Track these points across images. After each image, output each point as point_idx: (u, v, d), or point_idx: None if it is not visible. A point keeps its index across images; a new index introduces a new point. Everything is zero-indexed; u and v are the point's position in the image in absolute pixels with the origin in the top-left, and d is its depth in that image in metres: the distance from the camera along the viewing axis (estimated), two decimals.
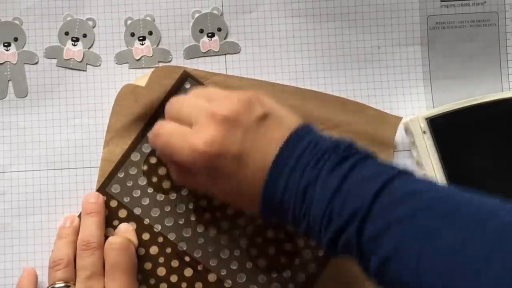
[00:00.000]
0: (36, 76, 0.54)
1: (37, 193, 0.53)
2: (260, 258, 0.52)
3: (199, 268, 0.51)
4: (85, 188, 0.53)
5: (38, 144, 0.53)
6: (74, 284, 0.48)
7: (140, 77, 0.53)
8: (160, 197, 0.52)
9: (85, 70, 0.54)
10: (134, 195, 0.52)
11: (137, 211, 0.52)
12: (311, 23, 0.55)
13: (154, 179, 0.52)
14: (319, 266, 0.51)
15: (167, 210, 0.52)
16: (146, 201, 0.52)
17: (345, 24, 0.55)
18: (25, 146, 0.53)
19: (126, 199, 0.52)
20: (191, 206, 0.52)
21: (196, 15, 0.54)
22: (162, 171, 0.52)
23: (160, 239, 0.52)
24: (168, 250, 0.51)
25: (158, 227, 0.52)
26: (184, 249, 0.52)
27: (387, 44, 0.55)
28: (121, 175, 0.52)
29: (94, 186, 0.52)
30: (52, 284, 0.48)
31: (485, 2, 0.55)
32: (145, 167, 0.52)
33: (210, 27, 0.54)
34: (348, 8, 0.55)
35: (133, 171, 0.52)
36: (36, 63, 0.54)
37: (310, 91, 0.54)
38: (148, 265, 0.51)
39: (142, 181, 0.52)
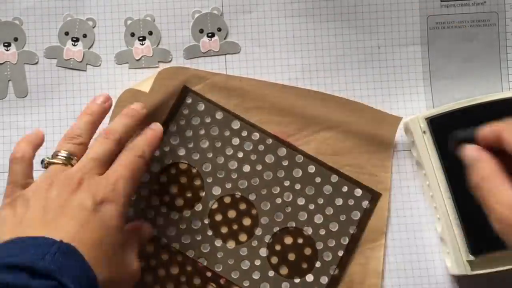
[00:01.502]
0: (36, 76, 0.54)
1: None
2: (281, 265, 0.51)
3: (222, 282, 0.51)
4: None
5: None
6: (77, 161, 0.46)
7: (140, 82, 0.53)
8: (174, 215, 0.52)
9: (85, 70, 0.54)
10: (148, 216, 0.52)
11: (154, 231, 0.51)
12: (311, 23, 0.55)
13: (167, 198, 0.52)
14: (340, 267, 0.51)
15: (183, 227, 0.52)
16: (161, 221, 0.52)
17: (345, 24, 0.55)
18: None
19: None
20: (206, 221, 0.52)
21: (196, 15, 0.54)
22: (173, 189, 0.52)
23: (179, 258, 0.51)
24: (189, 268, 0.51)
25: (176, 246, 0.51)
26: (205, 264, 0.51)
27: (387, 44, 0.55)
28: (133, 198, 0.51)
29: None
30: (57, 151, 0.46)
31: (485, 2, 0.55)
32: (156, 187, 0.52)
33: (210, 27, 0.54)
34: (348, 8, 0.55)
35: (144, 192, 0.52)
36: (36, 63, 0.54)
37: (309, 91, 0.54)
38: (170, 286, 0.51)
39: (155, 201, 0.52)
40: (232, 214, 0.52)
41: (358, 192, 0.52)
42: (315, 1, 0.55)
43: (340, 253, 0.51)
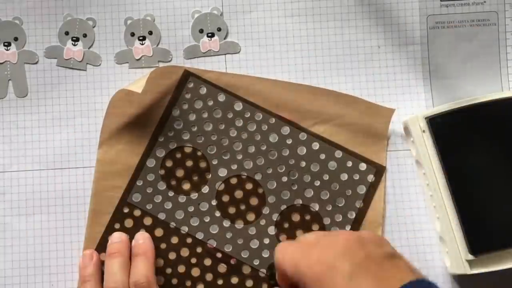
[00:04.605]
0: (36, 76, 0.54)
1: (37, 193, 0.53)
2: None
3: (232, 262, 0.52)
4: (85, 188, 0.53)
5: (38, 144, 0.53)
6: None
7: (133, 83, 0.53)
8: (182, 198, 0.52)
9: (85, 70, 0.54)
10: (156, 200, 0.52)
11: (162, 216, 0.52)
12: (311, 23, 0.55)
13: (173, 182, 0.52)
14: None
15: (191, 210, 0.52)
16: (169, 205, 0.52)
17: (345, 24, 0.55)
18: (25, 146, 0.53)
19: (149, 206, 0.52)
20: (214, 203, 0.52)
21: (196, 15, 0.54)
22: (179, 173, 0.52)
23: (189, 240, 0.52)
24: (199, 249, 0.52)
25: (185, 229, 0.52)
26: (214, 246, 0.52)
27: (387, 44, 0.55)
28: (139, 183, 0.52)
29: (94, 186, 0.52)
30: None
31: (485, 1, 0.55)
32: (162, 172, 0.52)
33: (210, 27, 0.54)
34: (348, 8, 0.55)
35: (151, 177, 0.52)
36: (36, 63, 0.54)
37: (302, 85, 0.54)
38: (181, 268, 0.51)
39: (162, 186, 0.52)
40: (239, 194, 0.52)
41: (363, 166, 0.53)
42: (315, 1, 0.55)
43: (348, 228, 0.52)
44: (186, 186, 0.52)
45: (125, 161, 0.52)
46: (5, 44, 0.54)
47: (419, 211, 0.53)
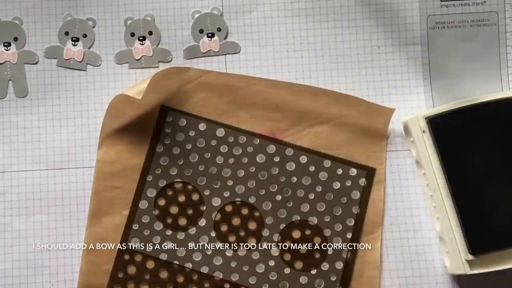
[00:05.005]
0: (36, 76, 0.54)
1: (37, 193, 0.53)
2: (295, 260, 0.52)
3: None
4: (85, 188, 0.53)
5: (38, 144, 0.53)
6: None
7: (132, 87, 0.53)
8: (180, 235, 0.52)
9: (85, 70, 0.54)
10: (155, 241, 0.52)
11: (163, 256, 0.51)
12: (311, 23, 0.55)
13: (169, 220, 0.52)
14: (352, 249, 0.52)
15: (192, 245, 0.52)
16: (169, 244, 0.52)
17: (345, 24, 0.55)
18: (25, 146, 0.53)
19: (149, 249, 0.52)
20: (213, 234, 0.52)
21: (196, 15, 0.54)
22: (174, 210, 0.52)
23: (195, 277, 0.51)
24: (206, 284, 0.51)
25: (189, 265, 0.51)
26: (221, 277, 0.51)
27: (387, 44, 0.55)
28: (135, 227, 0.52)
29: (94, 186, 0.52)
30: None
31: (485, 2, 0.55)
32: (156, 212, 0.52)
33: (210, 27, 0.54)
34: (348, 8, 0.55)
35: (146, 219, 0.52)
36: (36, 63, 0.54)
37: (302, 86, 0.54)
38: None
39: (158, 226, 0.52)
40: (236, 221, 0.52)
41: (353, 171, 0.53)
42: (315, 1, 0.55)
43: (349, 235, 0.52)
44: (183, 222, 0.52)
45: (125, 162, 0.52)
46: (5, 44, 0.54)
47: (419, 211, 0.53)
